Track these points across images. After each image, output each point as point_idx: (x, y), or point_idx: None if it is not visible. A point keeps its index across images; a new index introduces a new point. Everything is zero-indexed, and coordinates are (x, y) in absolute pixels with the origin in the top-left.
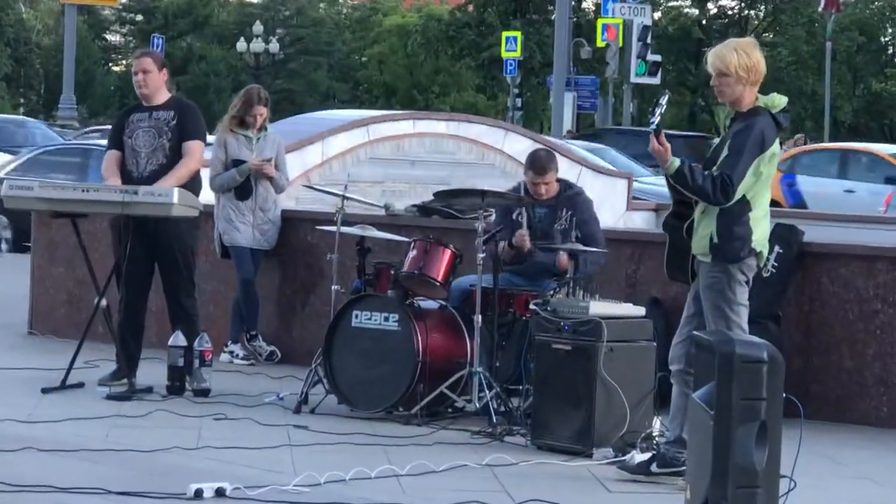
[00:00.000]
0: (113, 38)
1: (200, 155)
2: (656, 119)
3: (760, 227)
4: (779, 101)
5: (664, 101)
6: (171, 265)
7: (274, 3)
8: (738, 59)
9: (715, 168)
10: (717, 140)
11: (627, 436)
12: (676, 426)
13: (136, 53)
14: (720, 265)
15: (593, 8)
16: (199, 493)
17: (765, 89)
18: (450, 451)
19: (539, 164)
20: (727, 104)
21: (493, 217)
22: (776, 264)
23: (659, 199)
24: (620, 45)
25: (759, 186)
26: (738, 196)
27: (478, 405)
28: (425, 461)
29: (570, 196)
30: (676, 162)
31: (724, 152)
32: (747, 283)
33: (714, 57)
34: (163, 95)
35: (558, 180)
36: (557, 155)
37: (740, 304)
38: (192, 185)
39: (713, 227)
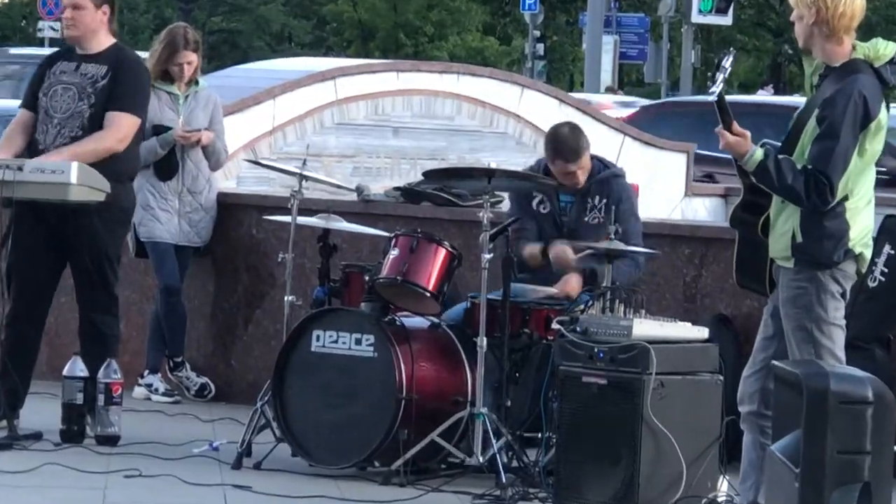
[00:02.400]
0: None
1: (126, 133)
2: (718, 87)
3: (861, 221)
4: (886, 50)
5: (728, 62)
6: (81, 270)
7: None
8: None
9: (805, 151)
10: (801, 102)
11: (684, 501)
12: (749, 488)
13: None
14: (806, 272)
15: None
16: None
17: (875, 34)
18: None
19: (567, 147)
20: (813, 53)
21: (504, 205)
22: (886, 270)
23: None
24: None
25: (860, 170)
26: None
27: (482, 459)
28: None
29: (606, 179)
30: (759, 153)
31: (814, 129)
32: (843, 295)
33: None
34: (100, 42)
35: (591, 157)
36: (592, 121)
37: (833, 324)
38: (116, 166)
39: (796, 221)
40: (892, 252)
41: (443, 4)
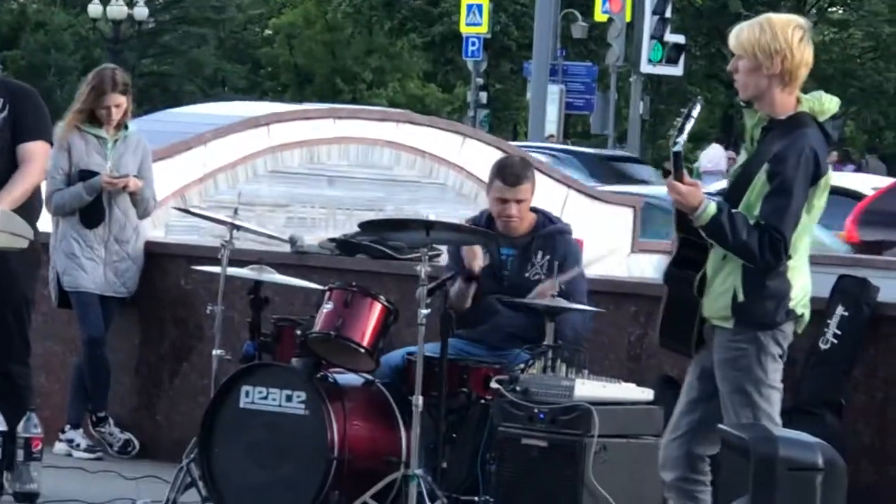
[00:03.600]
0: None
1: (44, 163)
2: (683, 138)
3: (801, 280)
4: (829, 105)
5: (696, 111)
6: (1, 318)
7: None
8: (759, 37)
9: (753, 207)
10: (742, 156)
11: None
12: None
13: None
14: (747, 333)
15: None
16: None
17: (831, 85)
18: None
19: (511, 171)
20: (755, 105)
21: (442, 259)
22: (839, 332)
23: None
24: (628, 19)
25: (807, 224)
26: None
27: None
28: None
29: (549, 234)
30: (713, 207)
31: (763, 185)
32: (782, 357)
33: (732, 33)
34: None
35: (535, 210)
36: (537, 173)
37: (772, 387)
38: (29, 206)
39: (737, 280)
40: (846, 314)
41: (382, 50)
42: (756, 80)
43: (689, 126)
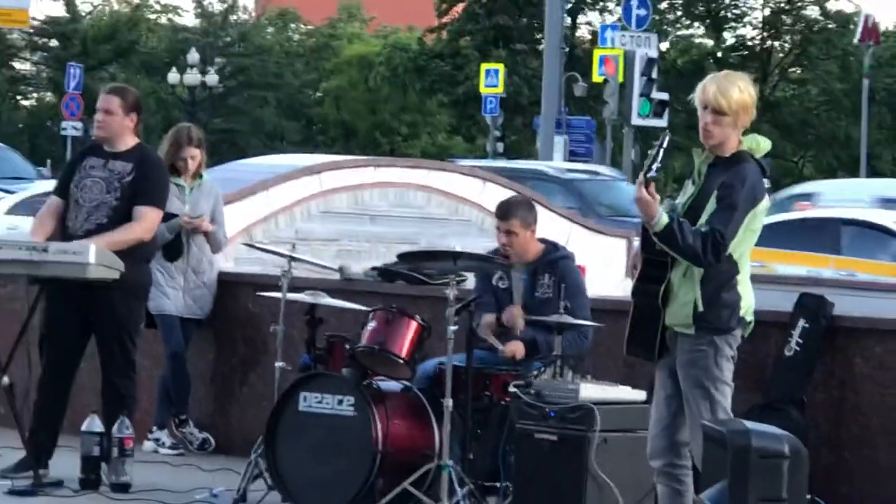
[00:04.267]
0: (22, 66)
1: (151, 226)
2: (656, 165)
3: (747, 293)
4: (764, 144)
5: (665, 142)
6: (107, 340)
7: (212, 27)
8: (739, 98)
9: (702, 223)
10: (688, 188)
11: None
12: None
13: (106, 86)
14: (705, 337)
15: (589, 37)
16: None
17: (789, 134)
18: None
19: (501, 207)
20: (707, 147)
21: (468, 283)
22: (801, 341)
23: None
24: (621, 80)
25: (746, 244)
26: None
27: None
28: None
29: (554, 260)
30: (665, 217)
31: (711, 205)
32: (734, 358)
33: (712, 91)
34: (126, 142)
35: (543, 241)
36: (541, 209)
37: (725, 383)
38: (141, 251)
39: (696, 293)
40: (807, 326)
41: (415, 108)
42: (724, 129)
43: (661, 155)
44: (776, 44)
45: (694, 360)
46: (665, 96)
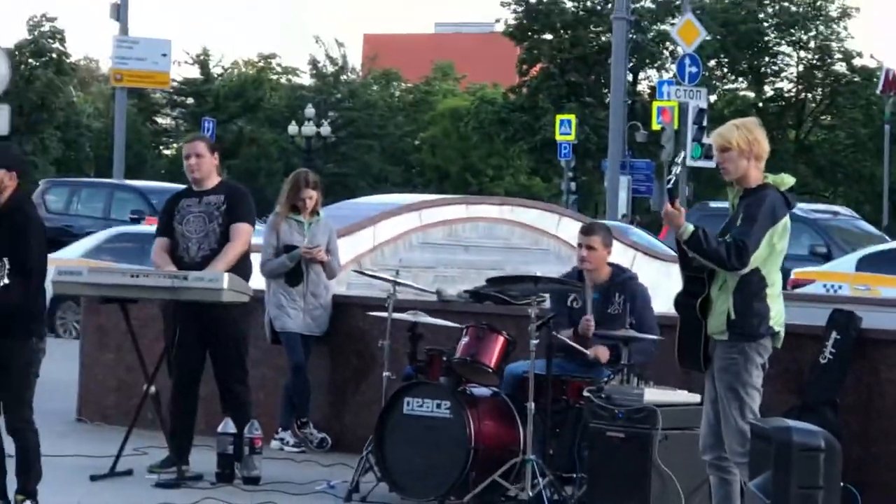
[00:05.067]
0: (163, 121)
1: (248, 238)
2: (672, 178)
3: (777, 306)
4: (787, 180)
5: (680, 159)
6: (223, 352)
7: (326, 86)
8: (739, 134)
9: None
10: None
11: None
12: None
13: (187, 137)
14: (737, 345)
15: (648, 91)
16: None
17: (821, 173)
18: None
19: (586, 226)
20: (734, 182)
21: (546, 303)
22: (834, 350)
23: None
24: (676, 128)
25: (773, 261)
26: (751, 267)
27: (531, 494)
28: None
29: (623, 281)
30: (690, 227)
31: (738, 223)
32: (763, 367)
33: (715, 135)
34: (213, 179)
35: (611, 265)
36: (614, 241)
37: (754, 388)
38: (243, 270)
39: (730, 302)
40: (838, 337)
41: (499, 153)
42: (736, 163)
43: (676, 170)
44: (809, 95)
45: (727, 367)
46: None
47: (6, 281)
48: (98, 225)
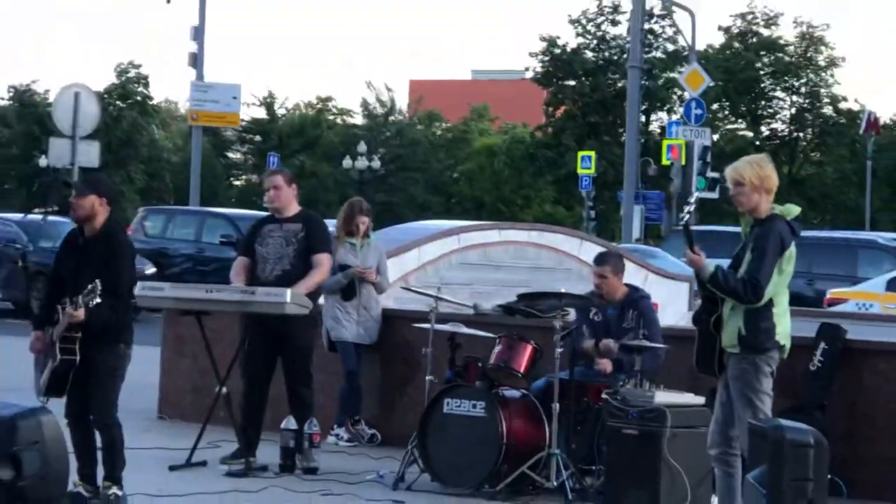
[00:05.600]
0: (234, 156)
1: (328, 266)
2: (685, 216)
3: (783, 322)
4: (793, 210)
5: (692, 199)
6: (292, 359)
7: (376, 125)
8: (752, 170)
9: (742, 270)
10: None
11: None
12: None
13: (267, 171)
14: (748, 357)
15: (659, 130)
16: None
17: (811, 204)
18: None
19: (599, 257)
20: (746, 213)
21: (570, 316)
22: (822, 359)
23: None
24: (683, 163)
25: (781, 284)
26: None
27: (555, 483)
28: None
29: (637, 299)
30: (711, 268)
31: (748, 255)
32: (772, 374)
33: (730, 170)
34: (293, 209)
35: (627, 285)
36: (626, 261)
37: (765, 394)
38: (314, 293)
39: (741, 321)
40: (826, 347)
41: (528, 185)
42: (747, 196)
43: (688, 208)
44: (800, 134)
45: (739, 376)
46: (717, 175)
47: (98, 301)
48: (190, 248)
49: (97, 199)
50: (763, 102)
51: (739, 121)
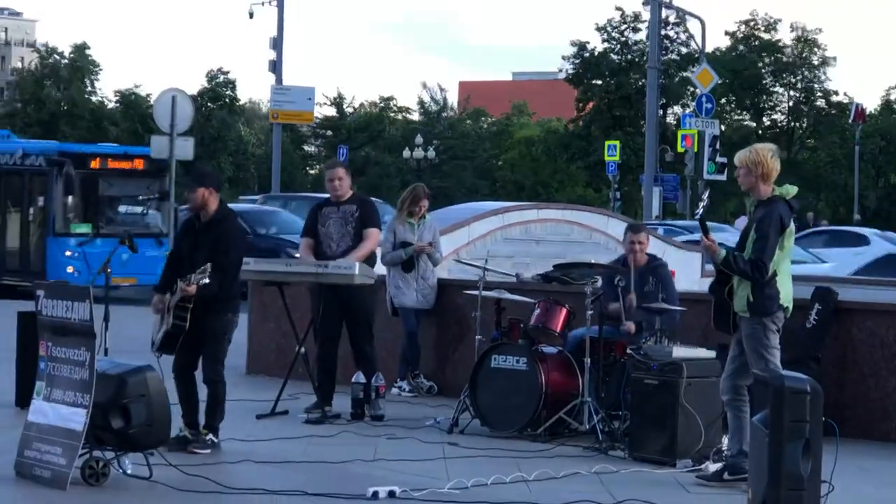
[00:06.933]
0: (309, 148)
1: (377, 239)
2: (700, 211)
3: (785, 287)
4: (791, 190)
5: (706, 196)
6: (356, 321)
7: (431, 120)
8: (748, 156)
9: (749, 248)
10: (744, 221)
11: (702, 449)
12: (736, 442)
13: (328, 163)
14: (756, 319)
15: (675, 122)
16: (375, 495)
17: (807, 184)
18: (566, 462)
19: (636, 225)
20: (750, 193)
21: (599, 283)
22: (816, 318)
23: None
24: (696, 150)
25: (782, 257)
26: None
27: (588, 427)
28: (547, 469)
29: (656, 266)
30: (723, 252)
31: (753, 235)
32: (778, 331)
33: (736, 155)
34: (348, 193)
35: (648, 254)
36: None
37: (774, 348)
38: (370, 260)
39: (748, 289)
40: (819, 307)
41: (562, 170)
42: (748, 178)
43: (703, 204)
44: (797, 124)
45: (750, 334)
46: (724, 160)
47: (207, 280)
48: None
49: (205, 189)
50: (764, 97)
51: (744, 113)
